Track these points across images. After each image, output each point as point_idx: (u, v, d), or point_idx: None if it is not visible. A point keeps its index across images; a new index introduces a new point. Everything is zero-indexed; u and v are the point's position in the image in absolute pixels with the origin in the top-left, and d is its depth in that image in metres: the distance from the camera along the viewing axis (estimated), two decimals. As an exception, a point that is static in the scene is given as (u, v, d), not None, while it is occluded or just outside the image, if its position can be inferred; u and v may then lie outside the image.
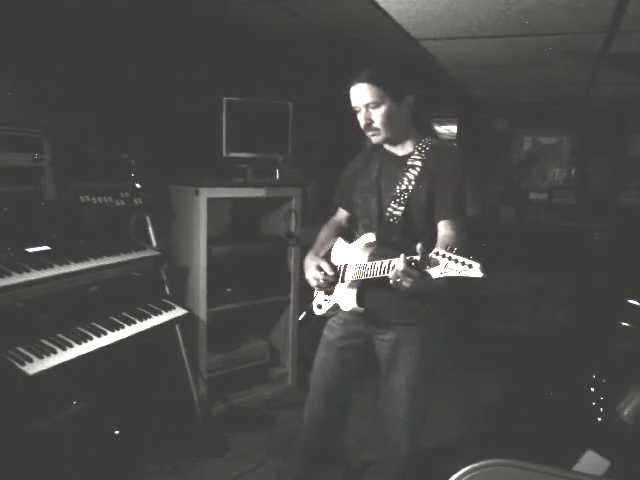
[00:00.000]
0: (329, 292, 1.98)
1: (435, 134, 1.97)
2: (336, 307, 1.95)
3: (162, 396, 2.67)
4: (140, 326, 2.37)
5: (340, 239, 2.08)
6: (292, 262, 3.39)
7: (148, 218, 2.72)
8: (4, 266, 2.00)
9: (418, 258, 1.53)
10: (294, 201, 3.35)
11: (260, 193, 3.22)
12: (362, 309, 1.86)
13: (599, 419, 2.38)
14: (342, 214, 2.15)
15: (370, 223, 1.92)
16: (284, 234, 3.37)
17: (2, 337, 1.93)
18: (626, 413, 2.12)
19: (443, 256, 1.48)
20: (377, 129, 1.82)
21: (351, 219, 2.12)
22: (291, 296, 3.44)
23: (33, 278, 2.01)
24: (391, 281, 1.61)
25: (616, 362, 2.65)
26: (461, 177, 1.83)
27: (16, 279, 1.96)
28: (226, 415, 3.10)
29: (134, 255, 2.51)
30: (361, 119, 1.82)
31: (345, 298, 1.90)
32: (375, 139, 1.86)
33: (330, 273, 1.93)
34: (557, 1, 2.02)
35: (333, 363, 2.04)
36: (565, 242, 4.83)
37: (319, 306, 2.03)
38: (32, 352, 1.94)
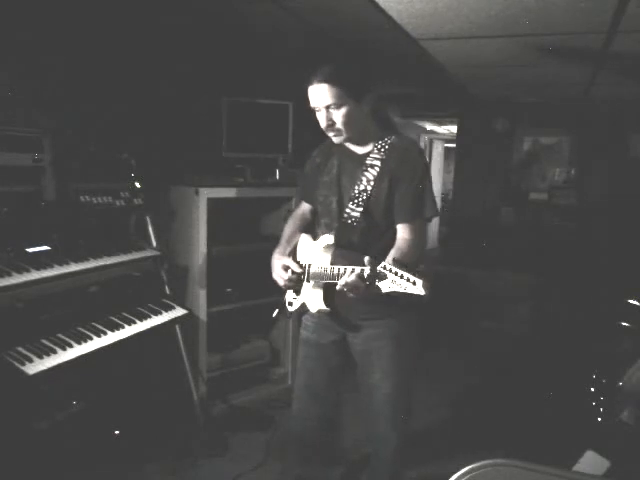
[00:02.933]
0: (297, 290, 1.99)
1: (397, 130, 1.95)
2: (304, 306, 1.96)
3: (162, 396, 2.67)
4: (140, 326, 2.37)
5: (305, 235, 2.07)
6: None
7: (148, 218, 2.72)
8: (4, 266, 2.00)
9: (368, 271, 1.53)
10: (294, 201, 3.35)
11: (260, 193, 3.22)
12: (328, 309, 1.85)
13: (599, 419, 2.37)
14: (305, 207, 2.14)
15: (331, 222, 1.91)
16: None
17: (2, 337, 1.93)
18: (626, 413, 2.12)
19: (390, 270, 1.49)
20: (339, 130, 1.79)
21: (314, 212, 2.10)
22: (291, 296, 3.43)
23: (33, 278, 2.01)
24: (338, 287, 1.63)
25: (616, 362, 2.64)
26: (421, 177, 1.81)
27: (16, 279, 1.96)
28: (226, 415, 3.10)
29: (134, 255, 2.51)
30: (322, 120, 1.79)
31: (311, 298, 1.90)
32: (337, 139, 1.84)
33: (297, 271, 1.93)
34: (557, 1, 2.02)
35: (313, 360, 2.05)
36: (565, 242, 4.83)
37: (290, 303, 2.04)
38: (32, 352, 1.94)
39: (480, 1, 2.07)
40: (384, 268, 1.50)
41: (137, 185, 2.66)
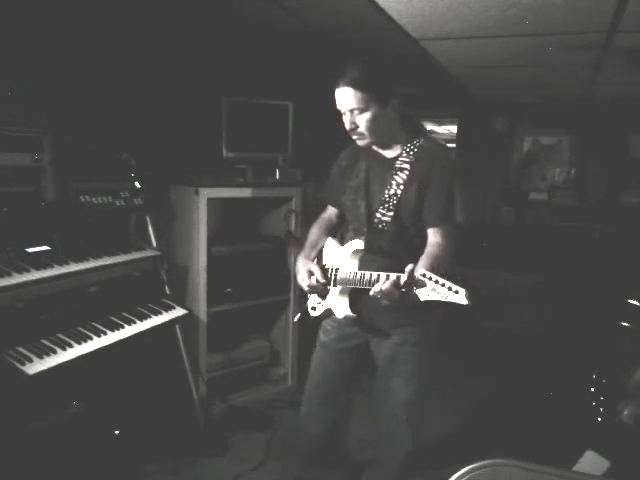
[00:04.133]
0: (322, 295, 1.97)
1: (425, 134, 1.94)
2: (329, 311, 1.94)
3: (162, 396, 2.67)
4: (140, 326, 2.37)
5: (331, 240, 2.06)
6: (292, 262, 3.40)
7: (148, 218, 2.72)
8: (4, 266, 2.00)
9: (405, 278, 1.52)
10: (294, 201, 3.35)
11: (260, 193, 3.22)
12: (355, 315, 1.84)
13: (599, 419, 2.37)
14: (332, 211, 2.13)
15: (360, 227, 1.89)
16: (284, 234, 3.37)
17: (2, 337, 1.93)
18: (626, 413, 2.12)
19: (430, 279, 1.48)
20: (362, 134, 1.78)
21: (341, 216, 2.09)
22: (291, 296, 3.43)
23: (33, 278, 2.01)
24: (371, 294, 1.63)
25: (616, 362, 2.65)
26: (451, 181, 1.80)
27: (16, 279, 1.96)
28: (226, 415, 3.10)
29: (134, 255, 2.51)
30: (346, 122, 1.79)
31: (338, 304, 1.88)
32: (361, 143, 1.83)
33: (322, 280, 1.91)
34: (557, 1, 2.02)
35: (329, 364, 2.04)
36: (565, 242, 4.83)
37: (313, 308, 2.02)
38: (32, 352, 1.94)
39: (480, 1, 2.07)
40: (423, 276, 1.49)
41: (137, 185, 2.66)
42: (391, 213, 1.78)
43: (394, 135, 1.85)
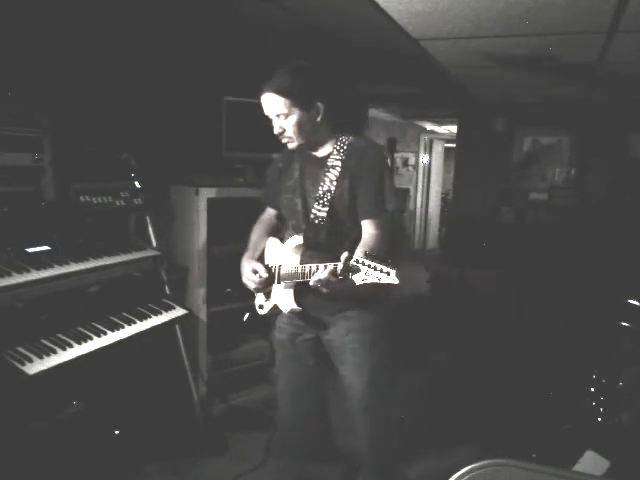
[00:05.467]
0: (267, 294, 2.02)
1: (355, 132, 1.98)
2: (276, 307, 1.99)
3: (162, 396, 2.67)
4: (140, 326, 2.37)
5: (272, 239, 2.11)
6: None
7: (148, 218, 2.72)
8: (4, 266, 2.00)
9: (341, 266, 1.57)
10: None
11: (260, 193, 3.21)
12: (299, 308, 1.89)
13: (599, 419, 2.37)
14: (271, 212, 2.19)
15: (298, 224, 1.94)
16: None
17: (2, 337, 1.93)
18: (626, 413, 2.12)
19: (363, 263, 1.54)
20: (290, 137, 1.86)
21: (279, 216, 2.15)
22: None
23: (33, 278, 2.01)
24: (311, 284, 1.67)
25: (616, 362, 2.64)
26: (381, 174, 1.86)
27: (16, 279, 1.96)
28: (226, 415, 3.10)
29: (134, 255, 2.51)
30: (274, 127, 1.86)
31: (283, 299, 1.93)
32: (290, 145, 1.90)
33: (265, 275, 1.96)
34: (557, 1, 2.02)
35: (291, 361, 2.08)
36: (565, 242, 4.83)
37: (260, 306, 2.08)
38: (32, 352, 1.94)
39: (480, 1, 2.07)
40: (357, 262, 1.55)
41: (137, 185, 2.66)
42: (326, 208, 1.85)
43: (322, 136, 1.92)
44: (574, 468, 1.84)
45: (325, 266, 1.65)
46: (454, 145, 6.64)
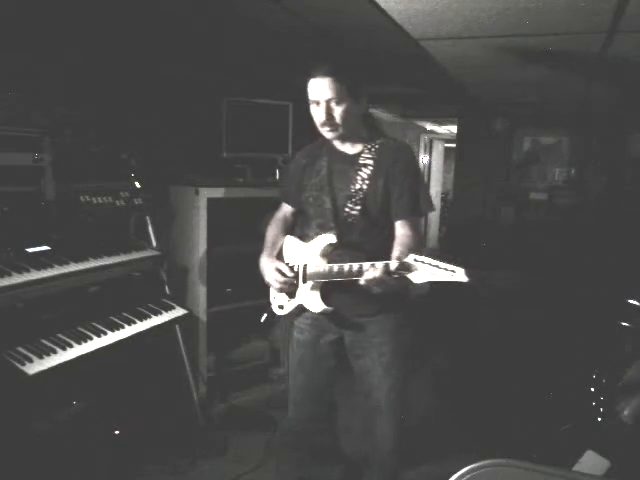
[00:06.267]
0: (290, 293, 1.98)
1: (384, 135, 1.98)
2: (301, 308, 1.95)
3: (162, 396, 2.67)
4: (140, 326, 2.37)
5: (290, 237, 2.07)
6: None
7: (148, 218, 2.72)
8: (4, 266, 2.00)
9: (396, 265, 1.56)
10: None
11: (260, 193, 3.22)
12: (332, 309, 1.86)
13: (599, 419, 2.37)
14: (287, 209, 2.14)
15: (326, 222, 1.90)
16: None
17: (2, 337, 1.93)
18: (626, 413, 2.12)
19: (423, 262, 1.53)
20: (337, 125, 1.81)
21: (296, 214, 2.11)
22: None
23: (33, 278, 2.01)
24: (362, 282, 1.64)
25: (616, 362, 2.64)
26: (415, 175, 1.86)
27: (16, 279, 1.96)
28: (226, 415, 3.10)
29: (134, 255, 2.51)
30: (320, 113, 1.80)
31: (310, 299, 1.89)
32: (331, 135, 1.85)
33: (290, 275, 1.92)
34: (557, 1, 2.02)
35: (311, 361, 2.05)
36: (565, 242, 4.83)
37: (280, 307, 2.03)
38: (32, 352, 1.94)
39: (480, 1, 2.07)
40: (415, 260, 1.54)
41: (137, 185, 2.66)
42: (359, 207, 1.83)
43: (358, 131, 1.90)
44: (574, 468, 1.84)
45: (372, 265, 1.62)
46: (454, 145, 6.64)
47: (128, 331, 2.30)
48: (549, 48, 2.77)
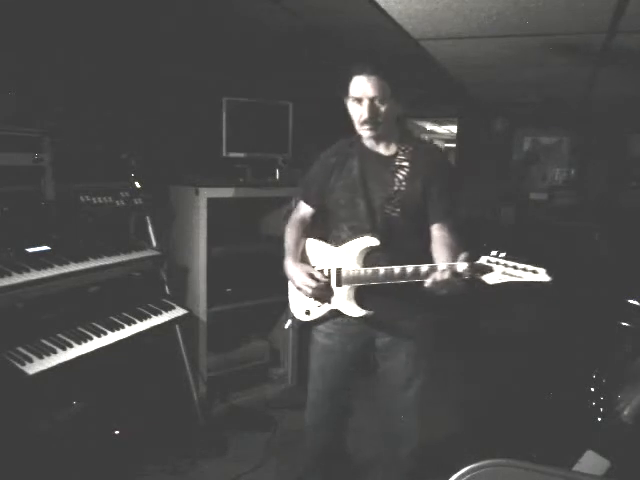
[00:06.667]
0: (320, 297, 1.92)
1: (416, 137, 1.98)
2: (333, 313, 1.90)
3: (162, 396, 2.67)
4: (140, 326, 2.37)
5: (314, 240, 2.02)
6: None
7: (148, 218, 2.72)
8: (4, 266, 2.00)
9: (465, 266, 1.55)
10: (294, 201, 3.35)
11: (260, 193, 3.22)
12: (372, 312, 1.82)
13: (599, 419, 2.37)
14: (306, 211, 2.07)
15: (361, 225, 1.86)
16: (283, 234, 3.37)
17: (2, 337, 1.93)
18: (626, 413, 2.12)
19: (497, 263, 1.51)
20: (378, 123, 1.78)
21: (315, 216, 2.06)
22: (291, 296, 3.43)
23: (33, 278, 2.01)
24: (427, 285, 1.62)
25: (616, 362, 2.64)
26: (449, 178, 1.86)
27: (16, 279, 1.96)
28: (226, 415, 3.10)
29: (134, 255, 2.51)
30: (363, 111, 1.77)
31: (348, 304, 1.85)
32: (369, 133, 1.81)
33: (324, 280, 1.88)
34: (557, 1, 2.02)
35: (333, 367, 2.00)
36: (565, 242, 4.83)
37: (307, 312, 1.97)
38: (32, 352, 1.94)
39: (480, 1, 2.07)
40: (489, 262, 1.52)
41: (137, 185, 2.66)
42: (398, 209, 1.81)
43: (393, 133, 1.87)
44: (574, 468, 1.84)
45: (431, 267, 1.62)
46: (454, 145, 6.64)
47: (128, 331, 2.29)
48: (549, 48, 2.77)
